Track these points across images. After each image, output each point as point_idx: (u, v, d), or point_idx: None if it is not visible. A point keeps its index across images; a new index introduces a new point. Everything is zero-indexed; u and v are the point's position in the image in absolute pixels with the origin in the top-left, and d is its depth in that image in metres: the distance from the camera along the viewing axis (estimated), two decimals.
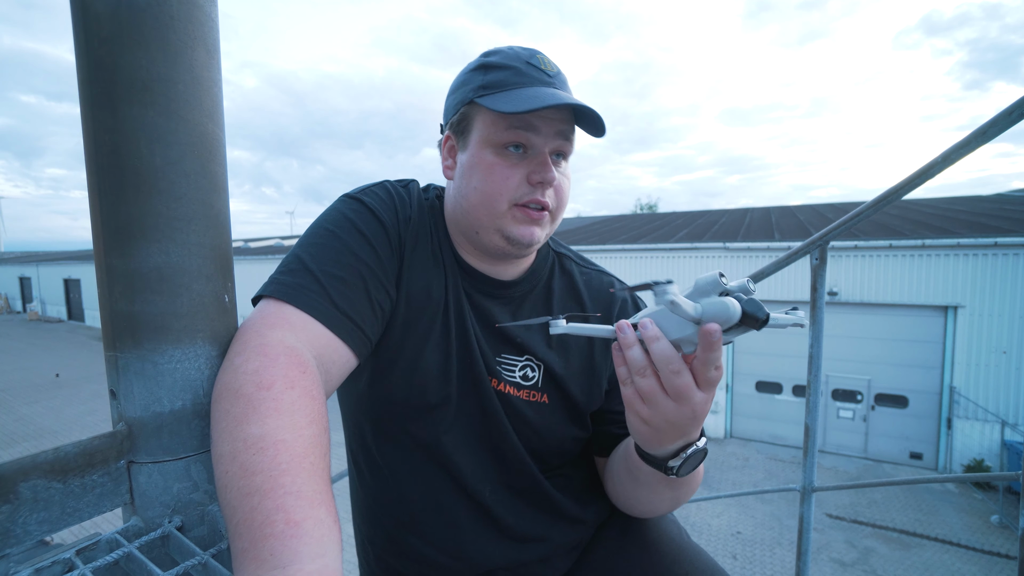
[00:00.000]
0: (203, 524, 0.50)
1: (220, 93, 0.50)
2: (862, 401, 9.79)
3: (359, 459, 0.80)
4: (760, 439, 10.72)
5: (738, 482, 8.87)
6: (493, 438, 0.75)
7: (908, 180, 0.94)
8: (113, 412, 0.49)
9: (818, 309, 1.20)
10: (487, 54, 0.71)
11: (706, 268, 10.67)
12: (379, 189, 0.74)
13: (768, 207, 20.03)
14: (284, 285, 0.59)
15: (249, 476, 0.41)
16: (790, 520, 7.62)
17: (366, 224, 0.68)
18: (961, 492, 8.49)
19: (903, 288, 9.09)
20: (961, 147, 0.82)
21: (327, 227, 0.66)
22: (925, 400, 9.26)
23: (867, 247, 9.22)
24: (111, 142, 0.44)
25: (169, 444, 0.48)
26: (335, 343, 0.58)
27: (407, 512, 0.76)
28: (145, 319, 0.46)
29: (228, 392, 0.47)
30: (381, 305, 0.66)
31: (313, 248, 0.63)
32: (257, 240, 33.98)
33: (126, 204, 0.44)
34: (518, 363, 0.76)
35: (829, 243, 1.19)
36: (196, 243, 0.48)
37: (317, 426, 0.47)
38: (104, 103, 0.43)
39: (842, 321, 9.53)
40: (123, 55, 0.43)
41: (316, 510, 0.40)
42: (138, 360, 0.46)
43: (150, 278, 0.46)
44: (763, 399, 10.65)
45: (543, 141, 0.67)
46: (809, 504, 1.29)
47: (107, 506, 0.46)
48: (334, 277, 0.61)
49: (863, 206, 1.05)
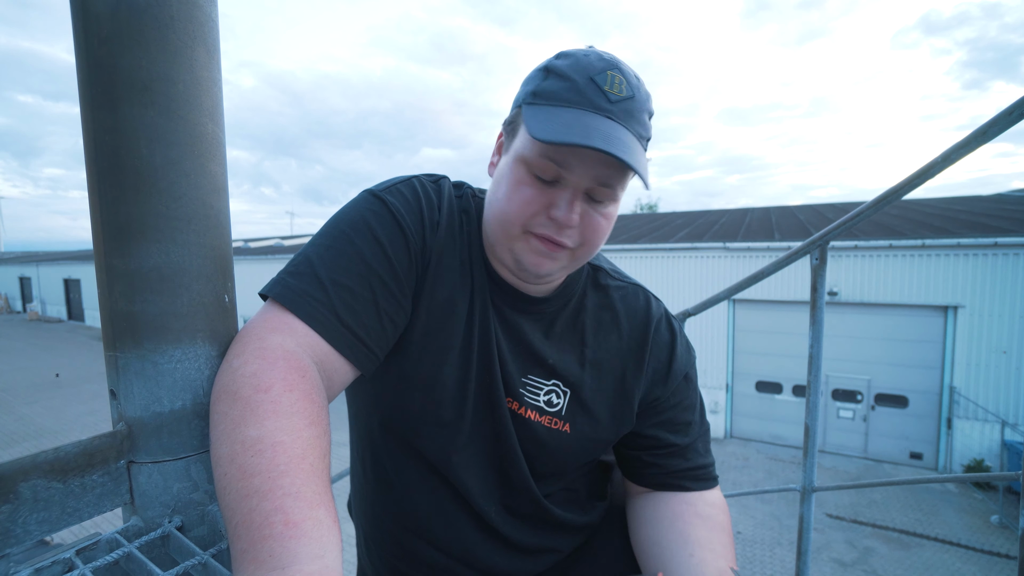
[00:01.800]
0: (203, 524, 0.50)
1: (220, 93, 0.50)
2: (862, 401, 9.78)
3: (366, 461, 0.79)
4: (760, 439, 10.71)
5: (738, 482, 8.86)
6: (503, 463, 0.72)
7: (908, 180, 0.93)
8: (113, 412, 0.49)
9: (818, 309, 1.20)
10: (558, 55, 0.63)
11: (706, 268, 10.67)
12: (405, 188, 0.67)
13: (768, 207, 20.02)
14: (289, 289, 0.56)
15: (247, 478, 0.41)
16: (790, 520, 7.62)
17: (385, 230, 0.62)
18: (961, 492, 8.49)
19: (903, 288, 9.09)
20: (961, 147, 0.82)
21: (343, 228, 0.62)
22: (925, 400, 9.26)
23: (867, 247, 9.21)
24: (111, 142, 0.44)
25: (169, 444, 0.48)
26: (333, 356, 0.56)
27: (413, 519, 0.74)
28: (145, 319, 0.46)
29: (226, 394, 0.46)
30: (392, 319, 0.62)
31: (325, 251, 0.60)
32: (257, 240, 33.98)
33: (126, 204, 0.44)
34: (544, 387, 0.71)
35: (829, 243, 1.19)
36: (196, 243, 0.48)
37: (316, 428, 0.47)
38: (104, 103, 0.43)
39: (842, 321, 9.52)
40: (123, 55, 0.43)
41: (315, 511, 0.40)
42: (138, 360, 0.46)
43: (150, 278, 0.46)
44: (763, 399, 10.65)
45: (577, 179, 0.59)
46: (809, 504, 1.29)
47: (107, 506, 0.46)
48: (342, 286, 0.57)
49: (863, 206, 1.05)
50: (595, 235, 0.63)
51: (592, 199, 0.61)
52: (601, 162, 0.58)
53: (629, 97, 0.59)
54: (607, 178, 0.59)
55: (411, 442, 0.71)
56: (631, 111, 0.59)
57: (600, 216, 0.62)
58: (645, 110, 0.61)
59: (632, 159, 0.54)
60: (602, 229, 0.63)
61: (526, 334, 0.70)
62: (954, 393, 8.82)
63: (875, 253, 9.21)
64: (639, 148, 0.58)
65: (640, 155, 0.57)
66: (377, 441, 0.75)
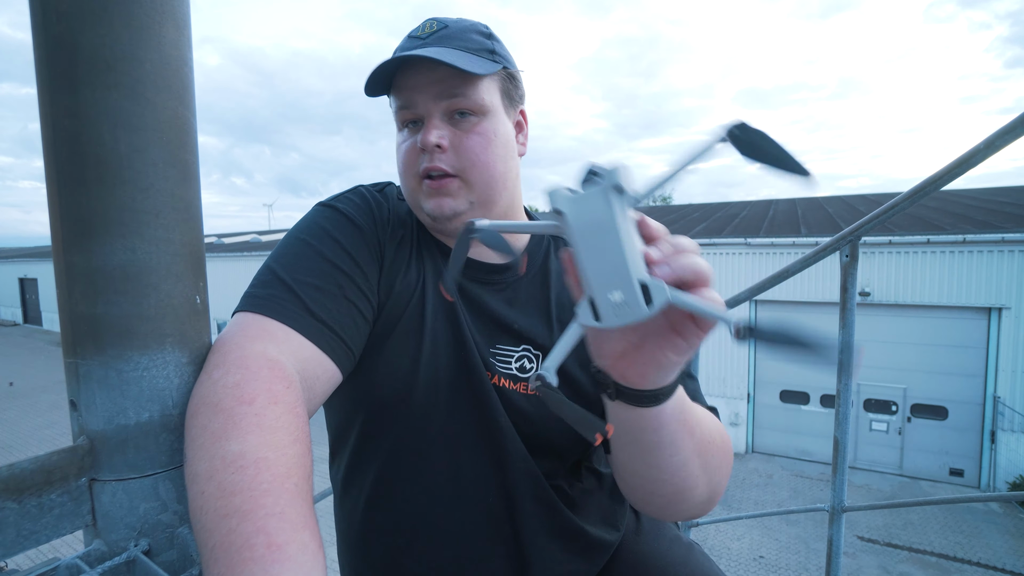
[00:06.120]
0: (172, 548, 0.50)
1: (191, 73, 0.50)
2: (897, 412, 9.79)
3: (349, 474, 0.80)
4: (785, 454, 10.72)
5: (761, 501, 8.87)
6: (493, 439, 0.73)
7: (947, 169, 0.94)
8: (73, 425, 0.49)
9: (848, 311, 1.20)
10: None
11: (725, 266, 10.68)
12: (353, 195, 0.77)
13: (793, 199, 20.05)
14: (258, 298, 0.61)
15: (227, 496, 0.41)
16: (818, 543, 7.62)
17: (341, 231, 0.70)
18: (1006, 512, 8.49)
19: (942, 288, 9.09)
20: (1006, 132, 0.82)
21: (299, 237, 0.69)
22: (966, 411, 9.27)
23: (902, 243, 9.22)
24: (71, 127, 0.44)
25: (135, 460, 0.48)
26: (318, 356, 0.60)
27: (401, 534, 0.75)
28: (109, 322, 0.46)
29: (206, 406, 0.47)
30: (363, 313, 0.68)
31: (285, 259, 0.66)
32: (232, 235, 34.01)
33: (88, 196, 0.44)
34: (514, 353, 0.76)
35: (861, 239, 1.19)
36: (165, 239, 0.48)
37: (301, 445, 0.47)
38: (63, 85, 0.43)
39: (875, 324, 9.54)
40: (84, 32, 0.43)
41: (300, 533, 0.40)
42: (101, 367, 0.46)
43: (114, 277, 0.46)
44: (788, 410, 10.66)
45: (423, 105, 0.70)
46: (839, 525, 1.29)
47: (67, 528, 0.46)
48: (308, 285, 0.63)
49: (898, 198, 1.05)
50: (473, 152, 0.70)
51: (456, 119, 0.70)
52: (432, 81, 0.68)
53: (441, 28, 0.71)
54: (446, 91, 0.69)
55: (390, 437, 0.74)
56: (445, 36, 0.70)
57: (472, 134, 0.71)
58: (469, 31, 0.72)
59: (437, 56, 0.65)
60: (477, 146, 0.71)
61: (488, 304, 0.76)
62: (998, 403, 8.82)
63: (911, 250, 9.22)
64: (460, 56, 0.68)
65: (461, 57, 0.67)
66: (356, 448, 0.77)
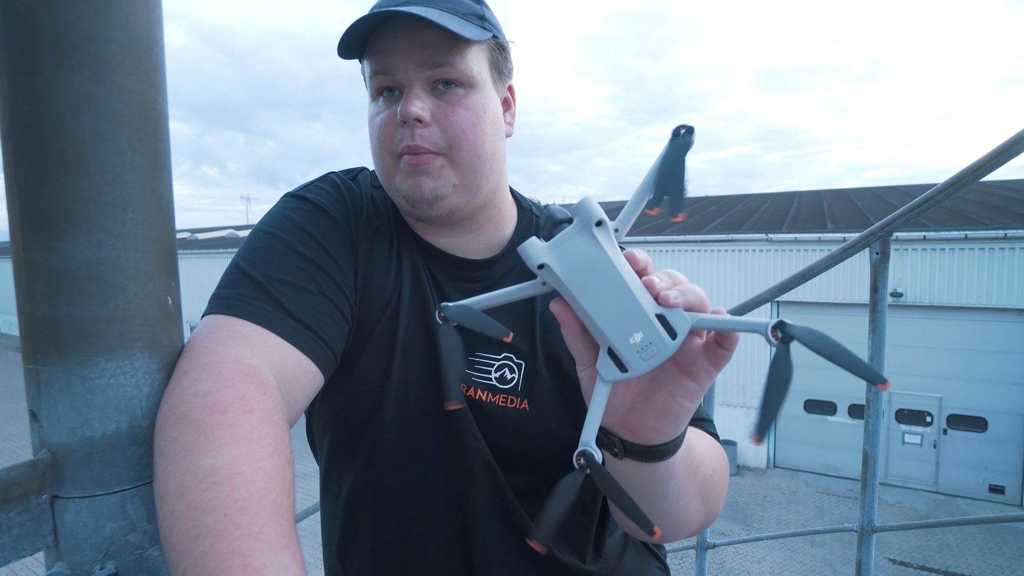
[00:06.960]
0: (142, 571, 0.50)
1: (162, 54, 0.50)
2: (932, 424, 9.80)
3: (324, 486, 0.82)
4: (810, 469, 10.73)
5: (783, 520, 8.87)
6: (457, 457, 0.74)
7: (987, 159, 0.94)
8: (34, 437, 0.49)
9: (879, 313, 1.20)
10: None
11: (745, 264, 10.68)
12: (324, 183, 0.76)
13: (818, 191, 20.07)
14: (227, 299, 0.60)
15: (200, 515, 0.41)
16: (845, 567, 7.62)
17: (312, 222, 0.69)
18: None
19: (981, 288, 9.10)
20: None
21: (267, 230, 0.68)
22: (1008, 423, 9.27)
23: (937, 239, 9.23)
24: (31, 113, 0.44)
25: (101, 475, 0.48)
26: (297, 357, 0.60)
27: (372, 550, 0.77)
28: (72, 325, 0.46)
29: (175, 417, 0.47)
30: (341, 311, 0.68)
31: (253, 255, 0.65)
32: (207, 231, 34.02)
33: (49, 187, 0.44)
34: (495, 362, 0.76)
35: (892, 234, 1.19)
36: (133, 234, 0.48)
37: (279, 457, 0.47)
38: (22, 66, 0.43)
39: (908, 328, 9.54)
40: (44, 7, 0.43)
41: (279, 555, 0.40)
42: (64, 375, 0.46)
43: (78, 276, 0.46)
44: (813, 421, 10.67)
45: (407, 74, 0.67)
46: (869, 547, 1.29)
47: (26, 549, 0.46)
48: (281, 283, 0.62)
49: (932, 190, 1.05)
50: (460, 128, 0.68)
51: (439, 90, 0.68)
52: (416, 45, 0.66)
53: None
54: (431, 57, 0.67)
55: (360, 450, 0.75)
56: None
57: (459, 107, 0.69)
58: None
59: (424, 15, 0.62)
60: (464, 121, 0.69)
61: None
62: None
63: (947, 246, 9.22)
64: (449, 18, 0.65)
65: (450, 19, 0.65)
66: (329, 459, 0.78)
